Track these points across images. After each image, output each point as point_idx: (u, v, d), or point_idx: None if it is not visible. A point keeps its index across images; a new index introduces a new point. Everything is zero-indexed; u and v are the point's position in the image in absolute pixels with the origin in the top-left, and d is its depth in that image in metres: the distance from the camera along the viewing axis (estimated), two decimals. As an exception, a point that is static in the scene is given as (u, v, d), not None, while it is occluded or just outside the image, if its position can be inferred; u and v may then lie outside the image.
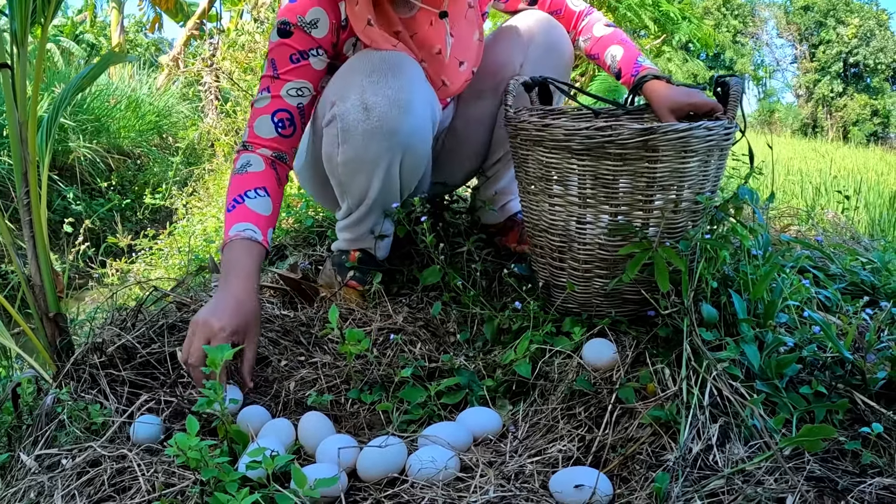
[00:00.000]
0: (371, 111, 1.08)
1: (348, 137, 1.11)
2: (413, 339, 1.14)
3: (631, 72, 1.23)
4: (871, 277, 1.25)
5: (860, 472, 0.78)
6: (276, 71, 1.13)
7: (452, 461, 0.80)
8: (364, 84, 1.08)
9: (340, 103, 1.10)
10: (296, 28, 1.12)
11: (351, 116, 1.09)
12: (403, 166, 1.15)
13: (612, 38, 1.28)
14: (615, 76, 1.28)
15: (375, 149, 1.11)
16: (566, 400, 0.93)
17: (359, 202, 1.20)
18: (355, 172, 1.15)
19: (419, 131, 1.13)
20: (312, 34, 1.12)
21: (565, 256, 1.07)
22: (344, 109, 1.09)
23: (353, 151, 1.12)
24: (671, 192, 0.98)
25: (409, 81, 1.09)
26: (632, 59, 1.24)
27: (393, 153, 1.12)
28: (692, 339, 0.88)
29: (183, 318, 1.20)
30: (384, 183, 1.15)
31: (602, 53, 1.28)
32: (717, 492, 0.73)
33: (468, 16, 1.24)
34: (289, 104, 1.13)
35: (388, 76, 1.08)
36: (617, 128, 0.94)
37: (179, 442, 0.72)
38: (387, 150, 1.11)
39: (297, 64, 1.13)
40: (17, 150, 1.12)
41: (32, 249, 1.13)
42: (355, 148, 1.11)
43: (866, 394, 0.87)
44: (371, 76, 1.08)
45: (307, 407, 0.99)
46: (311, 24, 1.12)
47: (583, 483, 0.74)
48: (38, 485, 0.84)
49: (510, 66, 1.29)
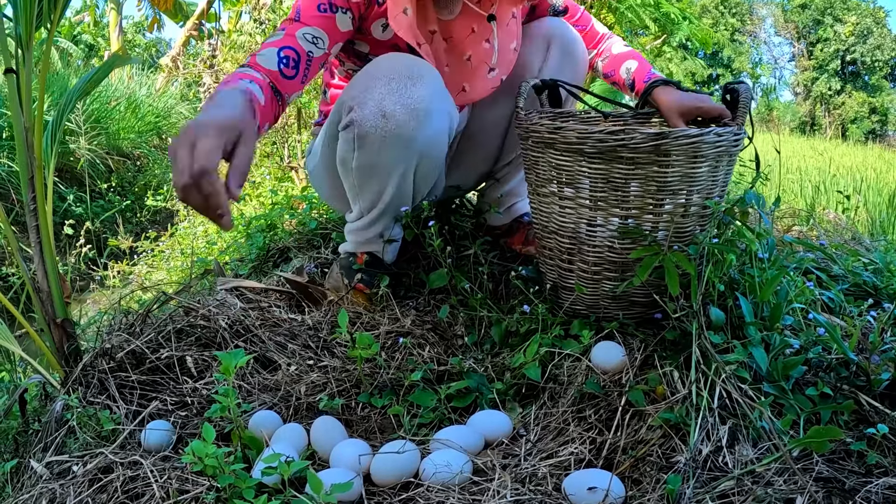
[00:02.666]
0: (389, 119, 1.08)
1: (364, 143, 1.11)
2: (421, 343, 1.15)
3: (644, 79, 1.26)
4: (873, 279, 1.26)
5: (866, 473, 0.79)
6: (298, 14, 1.09)
7: (467, 465, 0.81)
8: (383, 92, 1.08)
9: (358, 109, 1.10)
10: None
11: (368, 123, 1.08)
12: (418, 173, 1.16)
13: (628, 55, 1.32)
14: (629, 87, 1.31)
15: (391, 156, 1.11)
16: (576, 403, 0.94)
17: (371, 206, 1.20)
18: (369, 178, 1.15)
19: (436, 141, 1.14)
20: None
21: (574, 258, 1.08)
22: (362, 115, 1.09)
23: (368, 157, 1.12)
24: (681, 197, 0.99)
25: (429, 91, 1.09)
26: (645, 71, 1.27)
27: (409, 160, 1.12)
28: (701, 341, 0.89)
29: (190, 322, 1.20)
30: (398, 188, 1.16)
31: (618, 69, 1.32)
32: (727, 493, 0.74)
33: (510, 24, 1.25)
34: (300, 46, 1.07)
35: (407, 84, 1.08)
36: (629, 132, 0.95)
37: (196, 450, 0.72)
38: (403, 157, 1.11)
39: (324, 14, 1.10)
40: (23, 155, 1.12)
41: (39, 255, 1.13)
42: (371, 154, 1.11)
43: (871, 395, 0.88)
44: (390, 84, 1.08)
45: (318, 411, 1.00)
46: None
47: (596, 485, 0.74)
48: (50, 492, 0.85)
49: (529, 71, 1.30)
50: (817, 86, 25.03)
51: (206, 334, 1.19)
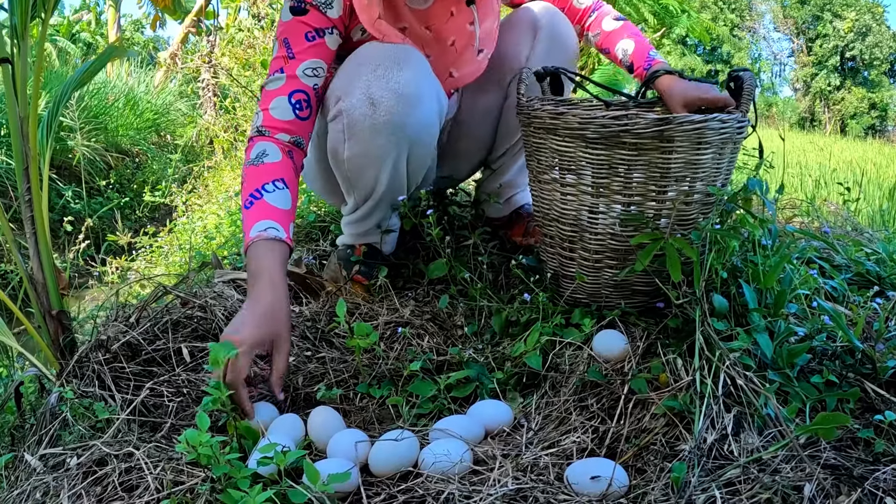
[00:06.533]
0: (378, 106, 1.06)
1: (354, 132, 1.09)
2: (420, 333, 1.14)
3: (643, 66, 1.22)
4: (876, 268, 1.24)
5: (873, 460, 0.77)
6: (290, 50, 1.09)
7: (467, 454, 0.80)
8: (370, 78, 1.06)
9: (346, 98, 1.08)
10: (311, 6, 1.09)
11: (357, 111, 1.07)
12: (410, 160, 1.14)
13: (622, 31, 1.27)
14: (627, 70, 1.27)
15: (382, 143, 1.09)
16: (578, 392, 0.93)
17: (366, 197, 1.19)
18: (362, 168, 1.14)
19: (426, 125, 1.12)
20: (328, 14, 1.10)
21: (576, 246, 1.06)
22: (350, 104, 1.08)
23: (359, 146, 1.10)
24: (684, 184, 0.97)
25: (416, 74, 1.08)
26: (644, 53, 1.23)
27: (400, 147, 1.11)
28: (704, 329, 0.88)
29: (186, 314, 1.19)
30: (391, 177, 1.14)
31: (613, 48, 1.27)
32: (733, 481, 0.73)
33: (493, 4, 1.23)
34: (305, 84, 1.09)
35: (393, 70, 1.06)
36: (632, 118, 0.93)
37: (190, 438, 0.71)
38: (394, 144, 1.10)
39: (313, 42, 1.09)
40: (19, 146, 1.11)
41: (34, 246, 1.12)
42: (362, 143, 1.10)
43: (876, 382, 0.87)
44: (376, 70, 1.06)
45: (316, 402, 0.98)
46: (326, 4, 1.10)
47: (599, 474, 0.73)
48: (44, 484, 0.83)
49: (516, 59, 1.28)
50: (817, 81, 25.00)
51: (203, 325, 1.18)
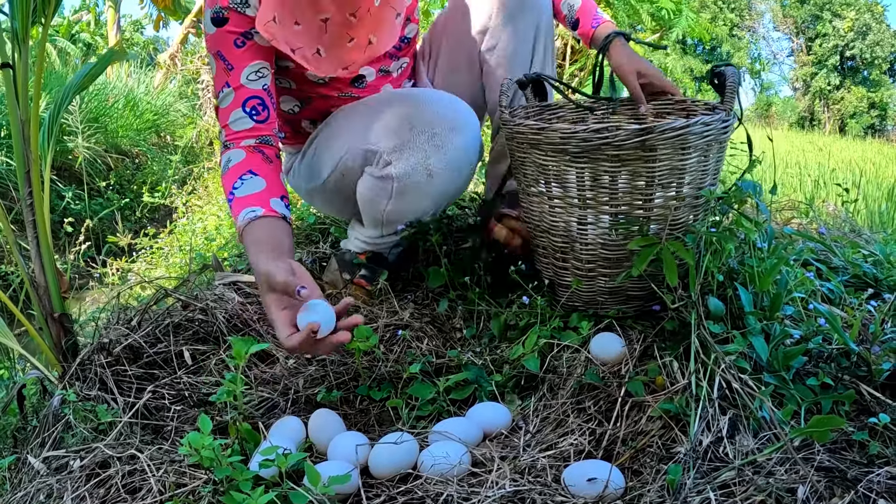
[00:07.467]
0: (434, 177, 1.11)
1: (405, 196, 1.13)
2: (419, 336, 1.15)
3: (590, 23, 1.23)
4: (873, 270, 1.25)
5: (868, 463, 0.78)
6: (227, 62, 1.07)
7: (465, 456, 0.80)
8: (427, 149, 1.09)
9: (399, 163, 1.10)
10: (229, 11, 1.06)
11: (412, 179, 1.11)
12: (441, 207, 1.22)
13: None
14: (571, 27, 1.27)
15: (428, 205, 1.17)
16: (575, 394, 0.94)
17: (392, 231, 1.23)
18: (400, 218, 1.19)
19: (465, 187, 1.21)
20: (246, 13, 1.06)
21: (568, 256, 1.07)
22: (404, 171, 1.10)
23: (405, 206, 1.16)
24: (671, 189, 0.98)
25: (471, 140, 1.13)
26: (590, 11, 1.24)
27: (440, 205, 1.19)
28: (700, 332, 0.88)
29: (188, 317, 1.20)
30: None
31: (559, 3, 1.28)
32: (728, 483, 0.74)
33: None
34: (254, 89, 1.08)
35: (450, 135, 1.10)
36: (613, 129, 0.94)
37: (192, 441, 0.72)
38: (437, 204, 1.18)
39: (244, 47, 1.07)
40: (20, 149, 1.11)
41: (36, 249, 1.13)
42: (409, 203, 1.15)
43: (872, 385, 0.88)
44: (434, 139, 1.09)
45: (316, 404, 0.99)
46: (242, 4, 1.05)
47: (596, 476, 0.74)
48: (47, 487, 0.84)
49: (477, 37, 1.28)
50: (816, 81, 24.99)
51: (204, 328, 1.18)
